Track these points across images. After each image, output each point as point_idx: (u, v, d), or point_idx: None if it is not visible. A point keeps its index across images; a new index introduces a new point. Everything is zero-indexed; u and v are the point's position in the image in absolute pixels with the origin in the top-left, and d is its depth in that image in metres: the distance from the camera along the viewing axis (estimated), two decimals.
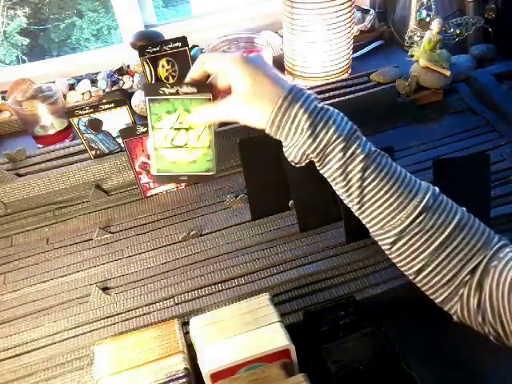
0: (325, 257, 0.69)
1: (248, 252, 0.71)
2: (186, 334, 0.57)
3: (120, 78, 1.09)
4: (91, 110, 0.78)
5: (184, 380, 0.49)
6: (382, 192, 0.49)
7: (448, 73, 0.89)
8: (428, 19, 0.98)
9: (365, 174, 0.49)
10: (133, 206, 0.81)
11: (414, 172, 0.81)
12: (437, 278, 0.49)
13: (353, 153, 0.49)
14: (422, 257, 0.49)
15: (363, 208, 0.50)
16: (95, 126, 0.80)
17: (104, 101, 0.84)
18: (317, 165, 0.52)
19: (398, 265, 0.52)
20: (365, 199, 0.50)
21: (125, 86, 1.07)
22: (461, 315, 0.49)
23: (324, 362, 0.52)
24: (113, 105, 0.78)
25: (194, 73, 0.56)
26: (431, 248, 0.48)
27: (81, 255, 0.74)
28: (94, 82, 1.08)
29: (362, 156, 0.49)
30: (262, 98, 0.50)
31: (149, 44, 0.84)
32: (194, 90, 0.59)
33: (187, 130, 0.62)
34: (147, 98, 0.60)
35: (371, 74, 0.94)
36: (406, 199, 0.49)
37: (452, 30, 0.98)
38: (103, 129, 0.80)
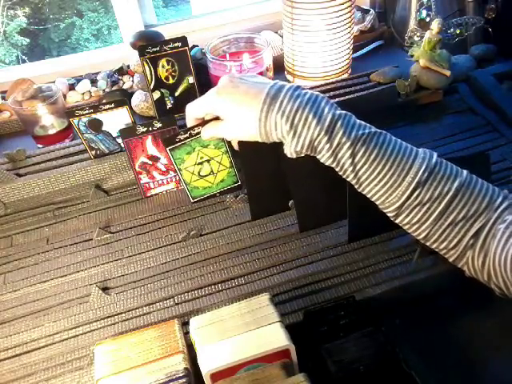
0: (325, 257, 0.69)
1: (248, 252, 0.71)
2: (186, 334, 0.57)
3: (120, 78, 1.09)
4: (91, 111, 0.78)
5: (184, 380, 0.49)
6: (374, 174, 0.51)
7: (448, 73, 0.89)
8: (428, 19, 0.98)
9: (355, 160, 0.51)
10: (133, 205, 0.81)
11: None
12: (443, 245, 0.51)
13: (338, 143, 0.51)
14: (423, 227, 0.51)
15: (362, 188, 0.53)
16: (95, 126, 0.80)
17: (104, 101, 0.84)
18: (313, 156, 0.55)
19: (408, 232, 0.54)
20: (361, 181, 0.52)
21: (125, 86, 1.07)
22: (469, 273, 0.53)
23: (324, 362, 0.52)
24: (113, 105, 0.78)
25: (190, 125, 0.65)
26: (431, 219, 0.50)
27: (81, 255, 0.74)
28: (93, 82, 1.08)
29: (348, 144, 0.50)
30: (246, 116, 0.54)
31: (149, 44, 0.84)
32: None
33: (209, 161, 0.75)
34: (168, 148, 0.71)
35: (371, 74, 0.94)
36: (399, 177, 0.50)
37: (452, 29, 0.98)
38: (103, 129, 0.80)
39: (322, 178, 0.71)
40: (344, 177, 0.54)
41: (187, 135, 0.70)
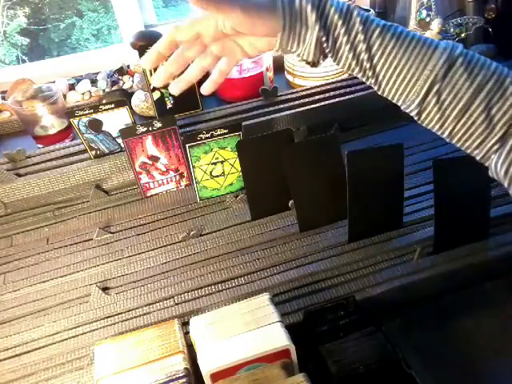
0: (325, 257, 0.69)
1: (248, 252, 0.71)
2: (186, 334, 0.57)
3: (120, 78, 1.09)
4: (91, 111, 0.78)
5: (184, 380, 0.49)
6: (392, 68, 0.48)
7: None
8: (428, 19, 0.98)
9: (371, 53, 0.48)
10: (133, 205, 0.81)
11: (414, 172, 0.82)
12: (467, 143, 0.49)
13: (355, 35, 0.48)
14: (446, 125, 0.49)
15: (381, 88, 0.50)
16: (95, 126, 0.80)
17: (104, 101, 0.84)
18: (331, 58, 0.51)
19: (433, 131, 0.52)
20: (379, 78, 0.49)
21: (125, 86, 1.07)
22: (491, 175, 0.50)
23: (324, 362, 0.52)
24: (113, 105, 0.78)
25: (162, 46, 0.53)
26: (452, 116, 0.48)
27: (81, 255, 0.74)
28: (93, 82, 1.08)
29: (362, 36, 0.48)
30: (261, 10, 0.48)
31: (149, 44, 0.84)
32: (226, 130, 0.72)
33: (222, 162, 0.76)
34: (187, 145, 0.72)
35: None
36: (417, 70, 0.48)
37: (452, 29, 0.98)
38: (103, 129, 0.80)
39: (322, 178, 0.71)
40: (364, 79, 0.51)
41: (208, 135, 0.71)
